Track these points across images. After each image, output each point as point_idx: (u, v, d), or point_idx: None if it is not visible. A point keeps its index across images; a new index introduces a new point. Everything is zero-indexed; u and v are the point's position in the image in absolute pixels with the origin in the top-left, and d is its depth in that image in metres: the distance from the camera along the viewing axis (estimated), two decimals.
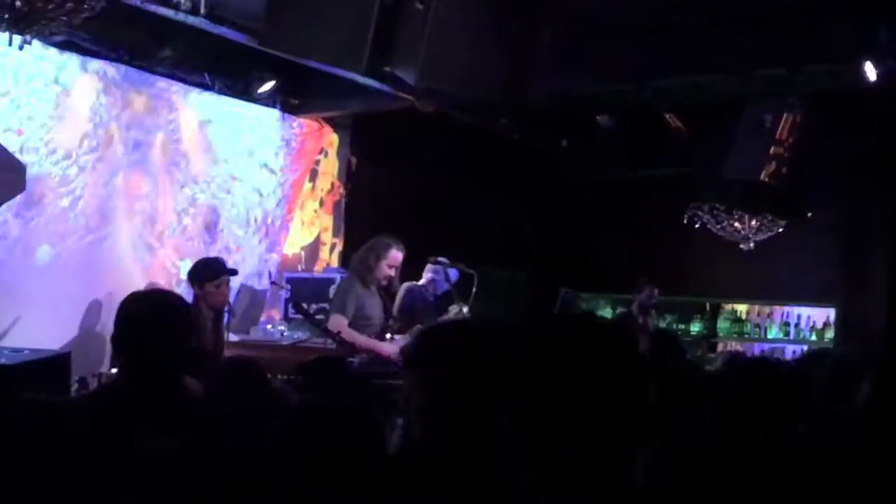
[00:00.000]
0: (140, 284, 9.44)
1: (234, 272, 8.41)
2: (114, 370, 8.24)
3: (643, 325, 11.89)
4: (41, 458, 2.43)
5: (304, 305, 9.07)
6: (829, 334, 14.00)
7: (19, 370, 5.94)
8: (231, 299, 8.61)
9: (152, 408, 3.58)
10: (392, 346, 8.45)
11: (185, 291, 8.26)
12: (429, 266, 9.63)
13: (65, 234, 9.38)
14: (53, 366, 6.35)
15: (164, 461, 3.10)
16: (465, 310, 9.02)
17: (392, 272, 8.75)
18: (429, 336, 3.39)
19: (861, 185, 12.87)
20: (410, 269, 9.39)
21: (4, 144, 8.59)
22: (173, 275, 10.16)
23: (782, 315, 14.48)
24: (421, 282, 9.65)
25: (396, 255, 8.72)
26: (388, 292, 8.97)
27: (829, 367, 5.12)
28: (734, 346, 14.38)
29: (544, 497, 2.19)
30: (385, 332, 8.62)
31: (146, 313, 3.83)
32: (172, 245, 10.32)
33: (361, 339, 8.35)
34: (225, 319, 8.36)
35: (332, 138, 12.28)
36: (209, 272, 8.03)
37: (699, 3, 9.04)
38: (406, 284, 9.48)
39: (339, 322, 8.40)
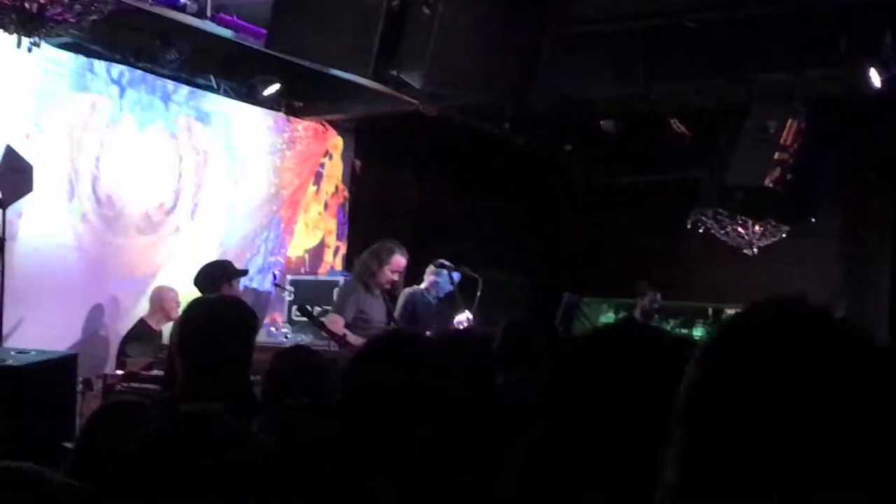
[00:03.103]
0: (145, 287, 9.48)
1: (244, 273, 8.45)
2: (118, 371, 8.28)
3: None
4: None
5: (309, 308, 9.10)
6: None
7: (26, 371, 5.95)
8: None
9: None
10: None
11: (188, 295, 8.26)
12: (430, 269, 9.62)
13: (70, 235, 9.40)
14: (60, 367, 6.34)
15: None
16: (470, 316, 9.03)
17: (395, 277, 8.78)
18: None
19: (865, 190, 12.89)
20: (414, 272, 9.41)
21: (12, 146, 8.61)
22: (180, 278, 10.18)
23: None
24: (422, 285, 9.65)
25: (399, 259, 8.74)
26: (391, 295, 9.00)
27: None
28: None
29: None
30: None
31: (213, 320, 3.85)
32: (178, 248, 10.34)
33: (352, 339, 8.39)
34: None
35: (336, 141, 12.30)
36: (224, 273, 8.05)
37: (702, 8, 9.06)
38: (406, 290, 9.48)
39: (335, 321, 8.44)
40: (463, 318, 9.00)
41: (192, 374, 3.86)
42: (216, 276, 8.06)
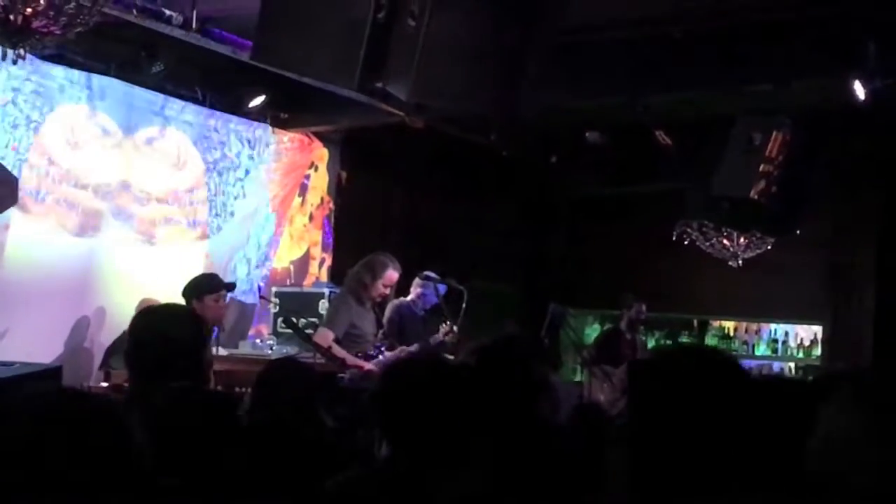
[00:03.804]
0: (131, 299, 9.44)
1: (232, 286, 8.42)
2: (103, 384, 8.26)
3: (631, 341, 11.90)
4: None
5: (294, 320, 9.08)
6: (817, 351, 14.06)
7: (11, 383, 5.93)
8: None
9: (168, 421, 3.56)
10: (372, 363, 8.47)
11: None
12: (417, 281, 9.62)
13: (55, 247, 9.37)
14: (45, 379, 6.33)
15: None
16: (455, 328, 9.04)
17: (387, 291, 8.79)
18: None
19: (849, 202, 12.93)
20: (400, 283, 9.40)
21: None
22: (165, 289, 10.16)
23: (770, 332, 14.51)
24: (409, 297, 9.65)
25: (392, 274, 8.74)
26: (380, 307, 9.00)
27: None
28: None
29: None
30: (375, 350, 8.64)
31: (159, 326, 3.84)
32: (163, 259, 10.32)
33: (345, 354, 8.37)
34: (213, 334, 8.41)
35: (321, 153, 12.28)
36: (209, 286, 8.02)
37: (688, 19, 9.07)
38: (393, 302, 9.46)
39: (324, 335, 8.43)
40: (444, 329, 9.02)
41: (137, 384, 3.88)
42: (199, 288, 8.04)
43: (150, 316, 3.99)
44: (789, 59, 9.02)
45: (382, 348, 8.69)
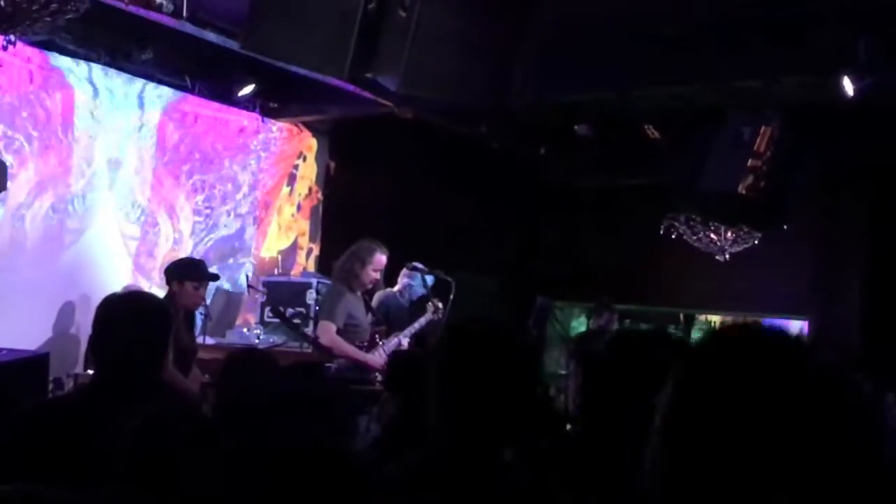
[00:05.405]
0: (117, 285, 9.43)
1: (215, 277, 8.38)
2: (89, 371, 8.25)
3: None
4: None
5: (282, 309, 9.08)
6: None
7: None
8: (207, 301, 8.61)
9: (130, 409, 3.54)
10: (378, 357, 8.41)
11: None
12: (404, 271, 9.61)
13: (42, 233, 9.36)
14: (31, 366, 6.34)
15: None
16: (440, 305, 9.03)
17: (377, 276, 8.74)
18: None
19: (837, 197, 12.95)
20: (388, 275, 9.40)
21: None
22: (150, 276, 10.15)
23: None
24: (396, 287, 9.64)
25: (381, 258, 8.70)
26: (368, 294, 8.98)
27: None
28: None
29: None
30: (375, 337, 8.61)
31: (126, 315, 3.79)
32: (150, 246, 10.31)
33: (350, 349, 8.32)
34: (199, 321, 8.39)
35: (310, 143, 12.28)
36: (192, 272, 7.94)
37: (678, 14, 9.08)
38: (380, 292, 9.45)
39: (327, 328, 8.36)
40: (431, 309, 9.02)
41: (99, 369, 3.85)
42: (183, 271, 7.95)
43: (112, 305, 3.92)
44: (779, 54, 9.03)
45: (378, 337, 8.65)
